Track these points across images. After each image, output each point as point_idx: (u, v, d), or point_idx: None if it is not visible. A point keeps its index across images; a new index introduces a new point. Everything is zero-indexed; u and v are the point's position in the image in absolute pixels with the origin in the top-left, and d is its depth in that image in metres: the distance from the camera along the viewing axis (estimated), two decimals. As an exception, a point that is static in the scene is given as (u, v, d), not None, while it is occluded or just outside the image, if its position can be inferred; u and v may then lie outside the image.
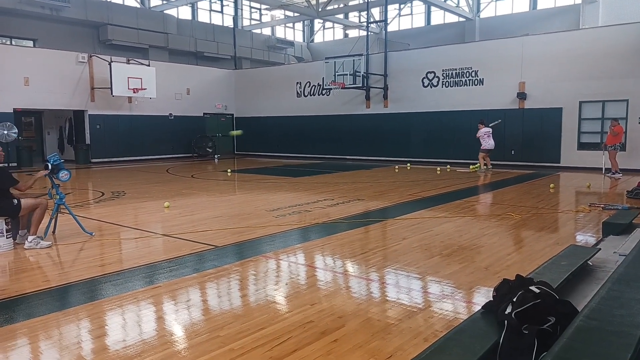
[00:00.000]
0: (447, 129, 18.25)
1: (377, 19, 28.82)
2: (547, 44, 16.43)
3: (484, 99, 17.47)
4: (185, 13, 28.79)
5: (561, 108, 16.17)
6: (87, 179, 14.83)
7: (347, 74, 19.31)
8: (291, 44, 33.88)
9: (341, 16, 30.98)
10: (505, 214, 8.10)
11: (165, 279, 4.79)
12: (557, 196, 10.52)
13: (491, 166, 15.43)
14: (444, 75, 18.53)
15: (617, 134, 13.60)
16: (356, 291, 4.46)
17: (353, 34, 32.01)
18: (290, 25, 34.62)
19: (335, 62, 19.79)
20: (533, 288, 3.02)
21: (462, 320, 3.34)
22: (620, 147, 13.87)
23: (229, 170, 16.25)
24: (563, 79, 16.04)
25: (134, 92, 19.61)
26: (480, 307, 3.23)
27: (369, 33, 21.65)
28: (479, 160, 15.33)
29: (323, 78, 20.29)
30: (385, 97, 20.01)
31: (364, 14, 25.31)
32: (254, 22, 32.73)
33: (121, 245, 6.26)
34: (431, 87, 18.91)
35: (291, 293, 4.43)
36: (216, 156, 22.44)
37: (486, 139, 15.15)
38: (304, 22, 34.90)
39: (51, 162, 6.30)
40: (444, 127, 18.37)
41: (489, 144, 15.13)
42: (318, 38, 36.15)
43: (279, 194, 10.88)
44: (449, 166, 16.82)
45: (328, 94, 21.27)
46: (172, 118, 22.36)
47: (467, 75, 18.00)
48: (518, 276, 3.38)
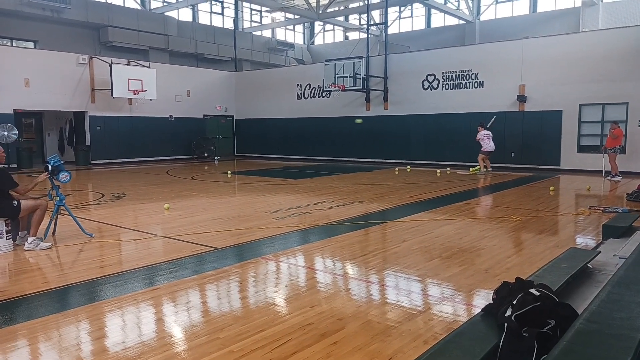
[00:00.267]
0: (447, 131, 18.25)
1: (378, 21, 28.88)
2: (547, 46, 16.45)
3: (484, 101, 17.48)
4: (185, 15, 28.82)
5: (561, 111, 16.18)
6: (87, 181, 14.83)
7: (347, 76, 19.33)
8: (291, 46, 33.92)
9: (341, 18, 31.05)
10: (505, 216, 8.10)
11: (165, 280, 4.79)
12: (557, 199, 10.51)
13: (491, 169, 15.44)
14: (444, 77, 18.54)
15: (617, 136, 13.63)
16: (356, 293, 4.46)
17: (353, 36, 32.04)
18: (291, 27, 34.66)
19: (335, 64, 19.82)
20: (533, 291, 3.03)
21: (462, 323, 3.34)
22: (620, 149, 13.92)
23: (229, 172, 16.26)
24: (563, 82, 16.06)
25: (135, 93, 19.62)
26: (480, 310, 3.23)
27: (369, 35, 21.68)
28: (478, 162, 15.34)
29: (323, 80, 20.30)
30: (386, 99, 20.02)
31: (364, 16, 25.32)
32: (254, 24, 32.77)
33: (121, 247, 6.25)
34: (431, 89, 18.92)
35: (291, 295, 4.43)
36: (216, 158, 22.45)
37: (486, 141, 15.15)
38: (304, 25, 34.94)
39: (51, 164, 6.30)
40: (444, 130, 18.37)
41: (490, 146, 15.13)
42: (318, 40, 36.19)
43: (279, 195, 10.87)
44: (449, 168, 16.83)
45: (328, 96, 21.27)
46: (173, 120, 22.37)
47: (467, 78, 18.01)
48: (518, 279, 3.38)
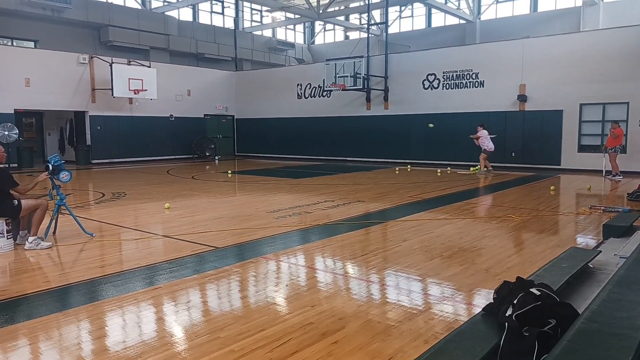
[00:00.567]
0: (447, 131, 18.24)
1: (378, 21, 28.87)
2: (548, 46, 16.44)
3: (484, 101, 17.47)
4: (186, 14, 28.82)
5: (562, 110, 16.18)
6: (87, 180, 14.83)
7: (347, 76, 19.33)
8: (292, 45, 33.91)
9: (342, 18, 31.03)
10: (505, 216, 8.10)
11: (166, 280, 4.79)
12: (557, 198, 10.51)
13: (491, 168, 15.42)
14: (445, 77, 18.54)
15: (618, 136, 13.63)
16: (356, 293, 4.46)
17: (354, 35, 32.02)
18: (291, 27, 34.65)
19: (335, 64, 19.82)
20: (534, 290, 3.02)
21: (462, 323, 3.34)
22: (620, 149, 13.92)
23: (229, 172, 16.26)
24: (564, 82, 16.05)
25: (135, 93, 19.63)
26: (480, 309, 3.23)
27: (369, 35, 21.67)
28: (480, 161, 15.31)
29: (324, 80, 20.29)
30: (386, 99, 20.02)
31: (364, 16, 25.30)
32: (254, 24, 32.77)
33: (121, 246, 6.25)
34: (432, 89, 18.91)
35: (291, 294, 4.43)
36: (216, 157, 22.45)
37: (486, 142, 15.15)
38: (304, 24, 34.94)
39: (52, 163, 6.30)
40: (444, 129, 18.35)
41: (489, 146, 15.12)
42: (319, 40, 36.18)
43: (279, 195, 10.87)
44: (449, 168, 16.82)
45: (329, 95, 21.27)
46: (173, 119, 22.37)
47: (468, 78, 18.00)
48: (519, 278, 3.38)
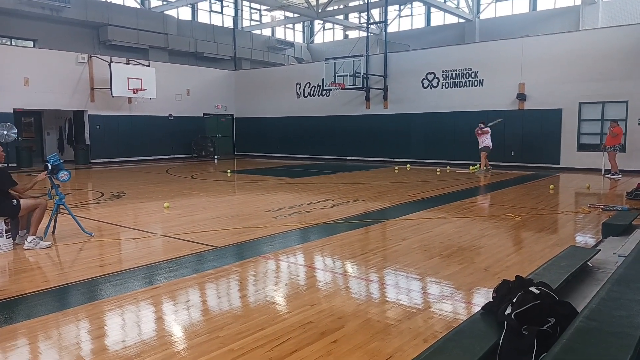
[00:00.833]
0: (446, 130, 18.26)
1: (377, 20, 28.85)
2: (547, 45, 16.44)
3: (483, 100, 17.47)
4: (185, 14, 28.80)
5: (561, 109, 16.18)
6: (86, 180, 14.82)
7: (347, 75, 19.32)
8: (291, 44, 33.89)
9: (341, 17, 31.01)
10: (504, 214, 8.10)
11: (165, 279, 4.79)
12: (556, 197, 10.51)
13: (490, 167, 15.42)
14: (444, 76, 18.53)
15: (616, 135, 13.63)
16: (356, 292, 4.46)
17: (353, 34, 32.02)
18: (290, 26, 34.63)
19: (335, 63, 19.81)
20: (533, 289, 3.02)
21: (461, 321, 3.34)
22: (619, 148, 13.92)
23: (228, 171, 16.26)
24: (563, 80, 16.05)
25: (134, 92, 19.61)
26: (480, 308, 3.23)
27: (368, 34, 21.65)
28: (480, 159, 15.27)
29: (323, 79, 20.29)
30: (385, 98, 20.01)
31: (364, 15, 25.33)
32: (254, 23, 32.75)
33: (121, 246, 6.25)
34: (431, 88, 18.91)
35: (291, 294, 4.43)
36: (216, 157, 22.45)
37: (488, 139, 15.13)
38: (303, 23, 34.92)
39: (51, 163, 6.29)
40: (443, 128, 18.37)
41: (490, 143, 15.10)
42: (318, 39, 36.16)
43: (278, 194, 10.87)
44: (448, 167, 16.82)
45: (328, 94, 21.26)
46: (172, 118, 22.36)
47: (467, 77, 18.00)
48: (518, 277, 3.38)
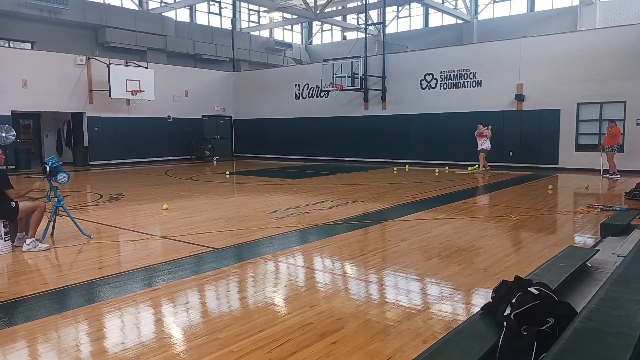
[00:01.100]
0: (445, 130, 18.27)
1: (375, 21, 28.88)
2: (545, 45, 16.46)
3: (482, 100, 17.49)
4: (183, 15, 28.80)
5: (559, 110, 16.20)
6: (85, 182, 14.81)
7: (345, 76, 19.35)
8: (289, 46, 33.90)
9: (339, 18, 31.04)
10: (503, 215, 8.11)
11: (164, 281, 4.79)
12: (555, 197, 10.52)
13: (489, 168, 15.44)
14: (442, 77, 18.55)
15: (615, 135, 13.65)
16: (355, 293, 4.46)
17: (351, 36, 32.03)
18: (289, 27, 34.65)
19: (333, 64, 19.83)
20: (532, 289, 3.03)
21: (461, 322, 3.34)
22: (618, 148, 13.94)
23: (227, 173, 16.25)
24: (561, 81, 16.07)
25: (132, 94, 19.60)
26: (479, 309, 3.23)
27: (367, 35, 21.67)
28: (479, 160, 15.31)
29: (321, 80, 20.29)
30: (384, 99, 20.03)
31: (362, 16, 25.32)
32: (252, 25, 32.75)
33: (120, 248, 6.25)
34: (429, 89, 18.92)
35: (290, 295, 4.43)
36: (215, 158, 22.44)
37: (487, 141, 15.16)
38: (302, 25, 34.94)
39: (49, 165, 6.29)
40: (442, 129, 18.38)
41: (487, 144, 15.14)
42: (316, 40, 36.18)
43: (277, 196, 10.87)
44: (447, 168, 16.83)
45: (326, 96, 21.26)
46: (171, 120, 22.34)
47: (465, 77, 18.02)
48: (517, 277, 3.38)
